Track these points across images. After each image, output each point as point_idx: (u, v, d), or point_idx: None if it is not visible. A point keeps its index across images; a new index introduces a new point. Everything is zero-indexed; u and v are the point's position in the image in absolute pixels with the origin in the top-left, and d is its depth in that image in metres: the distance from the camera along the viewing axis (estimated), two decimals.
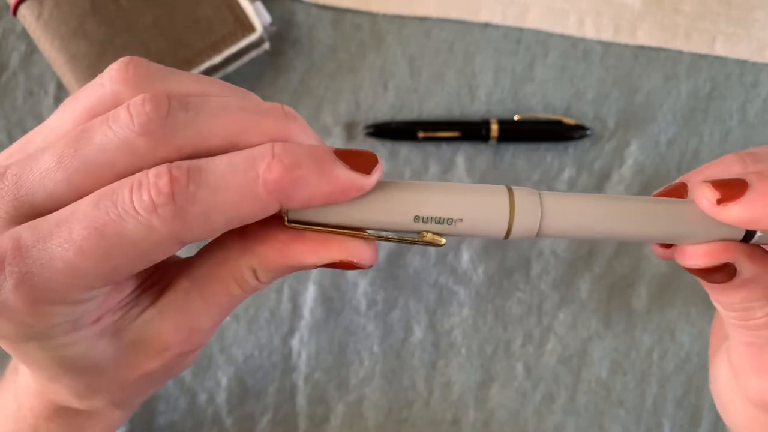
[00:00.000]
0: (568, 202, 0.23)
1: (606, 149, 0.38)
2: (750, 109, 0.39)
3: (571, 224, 0.22)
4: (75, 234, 0.19)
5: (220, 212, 0.19)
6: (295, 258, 0.21)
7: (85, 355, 0.22)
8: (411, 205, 0.22)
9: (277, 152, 0.20)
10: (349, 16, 0.38)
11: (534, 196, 0.22)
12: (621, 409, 0.38)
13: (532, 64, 0.38)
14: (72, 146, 0.19)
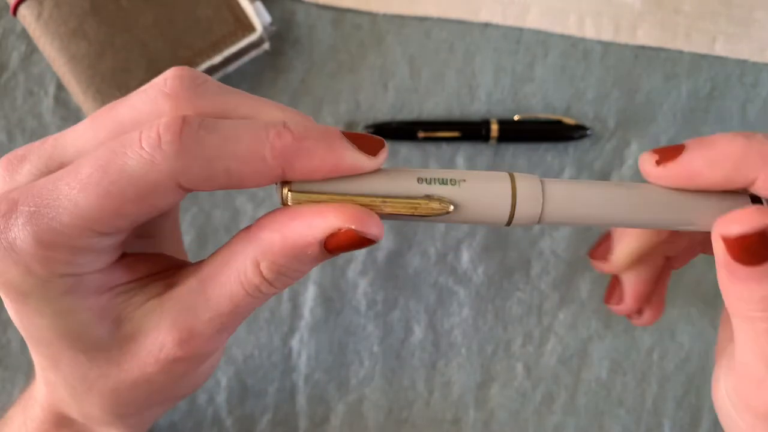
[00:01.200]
0: (570, 188, 0.23)
1: (606, 149, 0.38)
2: (750, 109, 0.39)
3: (574, 211, 0.23)
4: (81, 173, 0.19)
5: (223, 161, 0.19)
6: (294, 236, 0.21)
7: (84, 331, 0.22)
8: (414, 172, 0.22)
9: (290, 124, 0.20)
10: (349, 16, 0.38)
11: (536, 182, 0.22)
12: (621, 409, 0.38)
13: (532, 64, 0.38)
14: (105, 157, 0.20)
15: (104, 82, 0.34)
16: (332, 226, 0.21)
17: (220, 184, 0.20)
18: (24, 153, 0.22)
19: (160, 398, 0.25)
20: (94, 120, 0.21)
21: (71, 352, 0.22)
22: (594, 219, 0.23)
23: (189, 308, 0.22)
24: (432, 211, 0.21)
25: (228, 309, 0.22)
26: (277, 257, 0.21)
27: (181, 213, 0.37)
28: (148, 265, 0.24)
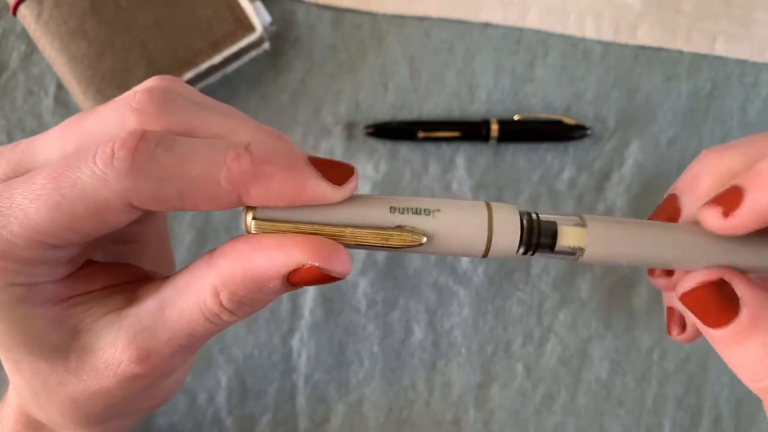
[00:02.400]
0: (610, 226, 0.22)
1: (606, 149, 0.38)
2: (750, 109, 0.39)
3: (611, 249, 0.22)
4: (35, 183, 0.19)
5: (176, 183, 0.19)
6: (254, 269, 0.20)
7: (41, 339, 0.21)
8: (386, 200, 0.21)
9: (253, 147, 0.19)
10: (349, 15, 0.38)
11: (513, 212, 0.22)
12: (621, 409, 0.38)
13: (532, 64, 0.38)
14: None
15: (104, 82, 0.34)
16: (295, 262, 0.20)
17: (174, 205, 0.19)
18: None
19: (121, 411, 0.24)
20: (63, 129, 0.21)
21: (31, 357, 0.22)
22: (630, 258, 0.22)
23: (147, 328, 0.21)
24: (404, 243, 0.21)
25: (186, 333, 0.21)
26: (238, 288, 0.20)
27: (181, 213, 0.37)
28: (112, 275, 0.23)
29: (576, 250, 0.22)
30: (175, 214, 0.37)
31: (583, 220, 0.23)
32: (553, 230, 0.22)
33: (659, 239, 0.23)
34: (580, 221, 0.22)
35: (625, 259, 0.23)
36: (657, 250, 0.23)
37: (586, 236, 0.22)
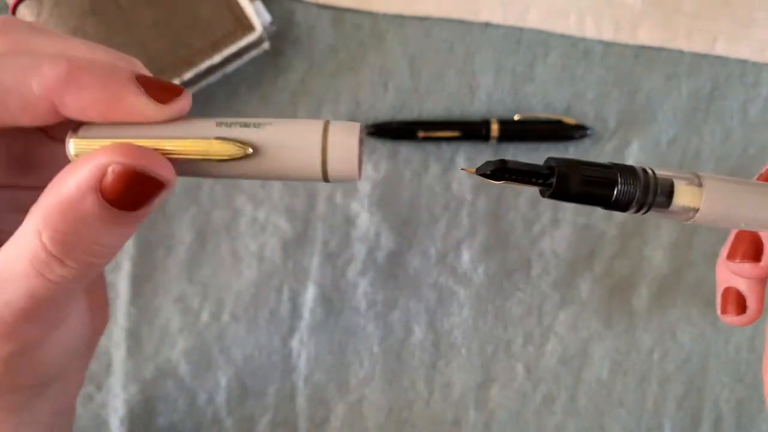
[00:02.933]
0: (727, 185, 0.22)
1: (606, 149, 0.38)
2: (751, 108, 0.39)
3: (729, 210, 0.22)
4: None
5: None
6: (65, 190, 0.18)
7: None
8: (215, 119, 0.20)
9: (75, 57, 0.19)
10: (349, 15, 0.38)
11: (353, 130, 0.20)
12: (621, 410, 0.38)
13: (533, 63, 0.38)
14: None
15: None
16: (99, 165, 0.18)
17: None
18: None
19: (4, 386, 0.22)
20: None
21: None
22: (746, 220, 0.22)
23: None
24: (226, 154, 0.19)
25: (23, 293, 0.19)
26: (56, 222, 0.18)
27: (180, 213, 0.37)
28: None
29: (690, 210, 0.22)
30: (175, 215, 0.37)
31: (699, 178, 0.22)
32: (670, 188, 0.21)
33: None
34: (695, 179, 0.22)
35: (740, 221, 0.22)
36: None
37: (701, 196, 0.21)
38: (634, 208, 0.21)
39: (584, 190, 0.21)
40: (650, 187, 0.21)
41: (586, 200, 0.21)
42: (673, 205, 0.21)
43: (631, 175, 0.21)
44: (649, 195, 0.21)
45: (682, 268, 0.38)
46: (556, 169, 0.21)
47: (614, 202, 0.21)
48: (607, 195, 0.21)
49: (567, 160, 0.21)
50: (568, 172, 0.21)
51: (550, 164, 0.22)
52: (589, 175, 0.21)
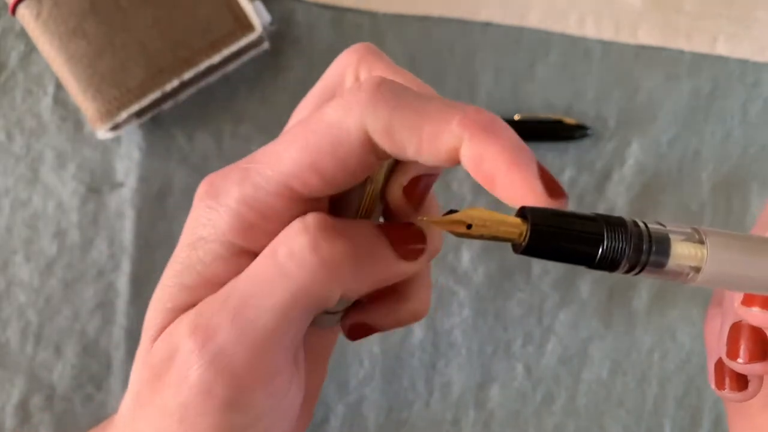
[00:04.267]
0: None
1: (607, 149, 0.38)
2: (751, 108, 0.39)
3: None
4: (289, 131, 0.21)
5: (410, 113, 0.19)
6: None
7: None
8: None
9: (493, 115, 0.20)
10: (349, 15, 0.38)
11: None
12: (621, 410, 0.38)
13: (533, 63, 0.38)
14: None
15: (103, 82, 0.34)
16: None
17: (401, 139, 0.20)
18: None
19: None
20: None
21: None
22: (757, 282, 0.19)
23: (207, 303, 0.21)
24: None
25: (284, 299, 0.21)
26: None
27: (180, 213, 0.37)
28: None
29: (691, 270, 0.19)
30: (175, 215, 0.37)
31: (700, 233, 0.19)
32: (666, 244, 0.19)
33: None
34: (695, 235, 0.19)
35: (749, 283, 0.19)
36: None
37: (704, 254, 0.19)
38: (624, 268, 0.18)
39: (563, 246, 0.18)
40: (643, 244, 0.18)
41: (565, 258, 0.18)
42: (670, 264, 0.19)
43: (621, 229, 0.18)
44: (643, 253, 0.18)
45: None
46: (530, 221, 0.18)
47: (600, 261, 0.18)
48: (591, 253, 0.18)
49: (543, 210, 0.18)
50: (544, 224, 0.18)
51: (523, 214, 0.19)
52: (570, 229, 0.18)
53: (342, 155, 0.20)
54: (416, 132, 0.19)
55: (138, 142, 0.37)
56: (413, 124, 0.19)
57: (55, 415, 0.36)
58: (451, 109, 0.19)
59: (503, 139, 0.19)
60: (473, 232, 0.18)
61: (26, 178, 0.36)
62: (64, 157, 0.37)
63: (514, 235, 0.18)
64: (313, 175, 0.20)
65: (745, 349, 0.23)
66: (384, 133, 0.20)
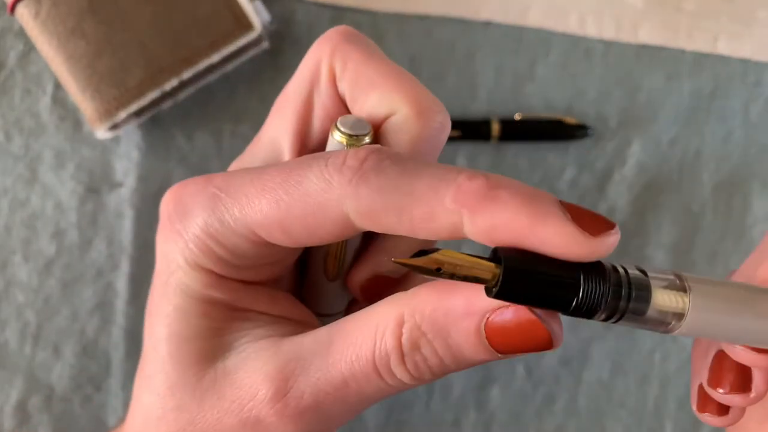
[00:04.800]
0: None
1: (607, 149, 0.38)
2: (753, 108, 0.38)
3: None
4: (268, 174, 0.20)
5: (396, 194, 0.18)
6: (452, 299, 0.18)
7: (196, 340, 0.21)
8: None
9: (486, 173, 0.18)
10: (348, 14, 0.38)
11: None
12: (622, 411, 0.38)
13: (534, 62, 0.38)
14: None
15: (102, 82, 0.34)
16: (503, 302, 0.17)
17: (388, 222, 0.18)
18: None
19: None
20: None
21: (171, 361, 0.21)
22: (745, 334, 0.19)
23: (301, 359, 0.19)
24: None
25: (341, 378, 0.19)
26: (425, 319, 0.18)
27: None
28: (291, 308, 0.23)
29: (673, 318, 0.18)
30: None
31: (682, 280, 0.18)
32: (646, 291, 0.18)
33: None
34: (677, 281, 0.18)
35: (733, 334, 0.19)
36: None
37: (687, 302, 0.18)
38: (602, 316, 0.18)
39: (537, 292, 0.17)
40: (623, 290, 0.17)
41: (540, 303, 0.17)
42: (650, 312, 0.18)
43: (599, 275, 0.17)
44: (622, 300, 0.17)
45: (684, 268, 0.38)
46: (503, 264, 0.17)
47: (576, 308, 0.17)
48: (567, 299, 0.17)
49: (517, 252, 0.17)
50: (518, 268, 0.17)
51: (497, 256, 0.18)
52: (546, 273, 0.17)
53: (313, 226, 0.19)
54: (406, 216, 0.18)
55: (137, 142, 0.37)
56: (401, 207, 0.18)
57: (54, 416, 0.36)
58: (443, 183, 0.17)
59: (510, 199, 0.17)
60: (443, 275, 0.17)
61: (25, 178, 0.36)
62: (62, 157, 0.36)
63: (486, 279, 0.17)
64: (279, 233, 0.20)
65: (726, 380, 0.22)
66: (367, 217, 0.18)
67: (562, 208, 0.17)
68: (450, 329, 0.18)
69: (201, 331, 0.21)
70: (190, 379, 0.21)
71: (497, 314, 0.18)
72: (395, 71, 0.23)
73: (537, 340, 0.18)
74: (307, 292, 0.26)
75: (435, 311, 0.18)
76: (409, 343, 0.18)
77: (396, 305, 0.19)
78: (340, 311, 0.26)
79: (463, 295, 0.18)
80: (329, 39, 0.23)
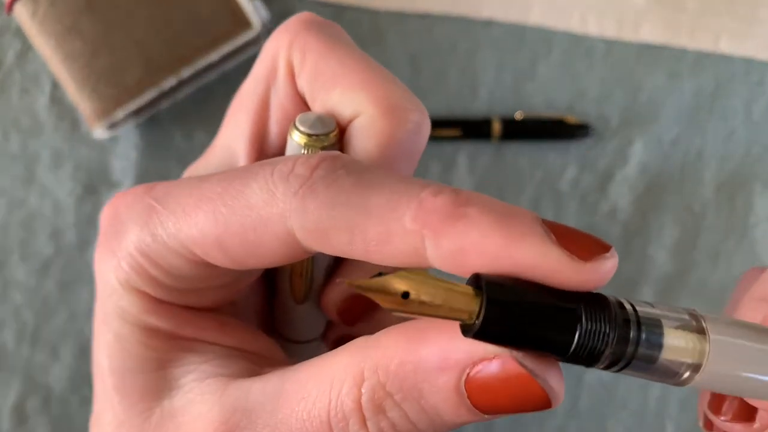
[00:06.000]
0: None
1: (609, 148, 0.38)
2: (755, 108, 0.38)
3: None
4: (207, 184, 0.18)
5: (348, 211, 0.15)
6: (423, 351, 0.15)
7: (139, 374, 0.19)
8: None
9: (455, 189, 0.15)
10: (348, 12, 0.37)
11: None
12: (624, 412, 0.38)
13: (535, 61, 0.38)
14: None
15: (100, 81, 0.33)
16: (486, 351, 0.14)
17: (338, 243, 0.15)
18: None
19: None
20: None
21: (118, 395, 0.19)
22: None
23: (249, 411, 0.17)
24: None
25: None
26: (390, 377, 0.15)
27: None
28: (247, 338, 0.20)
29: (686, 369, 0.15)
30: None
31: (698, 320, 0.15)
32: (657, 333, 0.14)
33: None
34: (692, 321, 0.15)
35: (761, 387, 0.15)
36: None
37: (705, 347, 0.15)
38: (603, 363, 0.15)
39: (527, 331, 0.14)
40: (631, 331, 0.14)
41: (532, 344, 0.14)
42: (661, 359, 0.14)
43: (601, 311, 0.14)
44: (630, 344, 0.14)
45: (686, 268, 0.38)
46: (485, 294, 0.14)
47: (574, 352, 0.14)
48: (564, 342, 0.14)
49: (502, 280, 0.14)
50: (503, 300, 0.14)
51: (478, 284, 0.14)
52: (535, 307, 0.14)
53: (254, 245, 0.16)
54: (358, 236, 0.15)
55: (135, 142, 0.36)
56: (353, 225, 0.15)
57: (52, 417, 0.36)
58: (404, 198, 0.15)
59: (481, 217, 0.14)
60: (410, 307, 0.14)
61: (22, 177, 0.36)
62: (60, 157, 0.36)
63: (462, 313, 0.14)
64: (217, 252, 0.17)
65: (729, 408, 0.19)
66: (314, 235, 0.15)
67: (545, 227, 0.14)
68: (422, 388, 0.15)
69: (143, 363, 0.19)
70: (136, 419, 0.19)
71: (480, 368, 0.14)
72: (362, 64, 0.20)
73: (531, 399, 0.15)
74: (277, 317, 0.23)
75: (402, 366, 0.15)
76: (371, 406, 0.15)
77: (355, 356, 0.16)
78: (316, 337, 0.24)
79: (437, 344, 0.15)
80: (287, 29, 0.20)
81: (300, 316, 0.22)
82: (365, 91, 0.19)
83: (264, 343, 0.20)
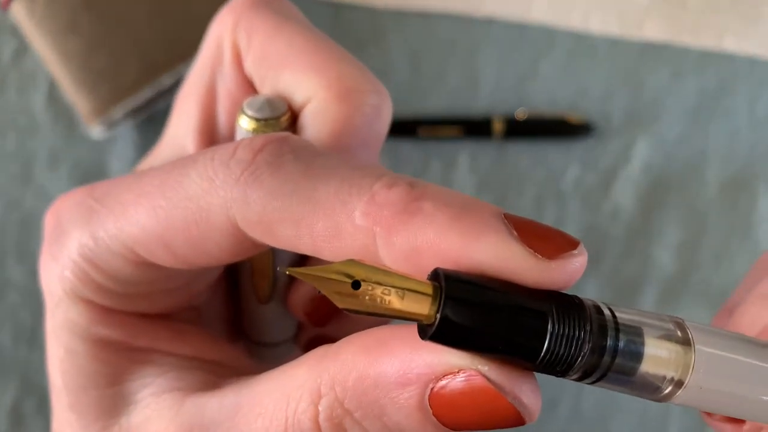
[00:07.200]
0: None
1: (611, 147, 0.38)
2: (758, 106, 0.38)
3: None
4: (146, 178, 0.17)
5: (293, 201, 0.14)
6: (379, 367, 0.13)
7: (92, 390, 0.18)
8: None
9: (411, 180, 0.14)
10: (348, 10, 0.37)
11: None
12: (626, 415, 0.38)
13: (537, 59, 0.37)
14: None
15: (98, 79, 0.33)
16: (447, 364, 0.13)
17: (283, 236, 0.14)
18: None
19: None
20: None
21: (72, 414, 0.18)
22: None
23: (204, 427, 0.16)
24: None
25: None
26: (349, 392, 0.13)
27: None
28: (207, 346, 0.19)
29: (669, 382, 0.13)
30: None
31: (682, 329, 0.14)
32: (638, 342, 0.13)
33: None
34: (676, 331, 0.14)
35: (746, 405, 0.14)
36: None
37: (690, 359, 0.13)
38: (576, 374, 0.13)
39: (490, 334, 0.12)
40: (608, 338, 0.13)
41: (493, 349, 0.12)
42: (641, 372, 0.13)
43: (575, 315, 0.13)
44: (606, 354, 0.13)
45: (688, 268, 0.38)
46: (443, 292, 0.12)
47: (544, 359, 0.13)
48: (532, 346, 0.12)
49: (465, 276, 0.12)
50: (463, 298, 0.12)
51: (437, 281, 0.13)
52: (500, 307, 0.12)
53: (198, 240, 0.15)
54: (305, 229, 0.14)
55: (133, 141, 0.36)
56: (298, 217, 0.14)
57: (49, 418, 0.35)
58: (354, 190, 0.13)
59: (436, 212, 0.13)
60: (365, 305, 0.12)
61: (19, 177, 0.36)
62: (57, 156, 0.36)
63: (419, 313, 0.12)
64: (161, 251, 0.16)
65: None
66: (258, 226, 0.14)
67: (506, 223, 0.13)
68: (384, 405, 0.13)
69: (97, 379, 0.17)
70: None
71: (444, 383, 0.13)
72: (312, 43, 0.18)
73: (501, 415, 0.13)
74: (244, 319, 0.22)
75: (361, 381, 0.13)
76: (329, 425, 0.14)
77: (313, 369, 0.14)
78: (288, 339, 0.22)
79: (399, 356, 0.13)
80: (232, 9, 0.19)
81: (266, 318, 0.21)
82: (316, 73, 0.18)
83: (226, 351, 0.19)
